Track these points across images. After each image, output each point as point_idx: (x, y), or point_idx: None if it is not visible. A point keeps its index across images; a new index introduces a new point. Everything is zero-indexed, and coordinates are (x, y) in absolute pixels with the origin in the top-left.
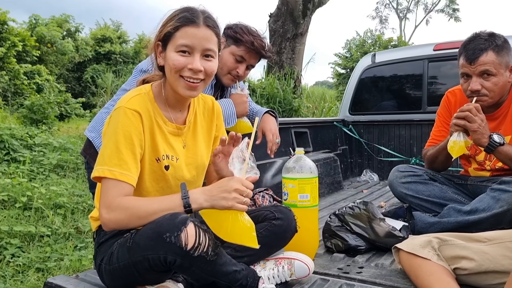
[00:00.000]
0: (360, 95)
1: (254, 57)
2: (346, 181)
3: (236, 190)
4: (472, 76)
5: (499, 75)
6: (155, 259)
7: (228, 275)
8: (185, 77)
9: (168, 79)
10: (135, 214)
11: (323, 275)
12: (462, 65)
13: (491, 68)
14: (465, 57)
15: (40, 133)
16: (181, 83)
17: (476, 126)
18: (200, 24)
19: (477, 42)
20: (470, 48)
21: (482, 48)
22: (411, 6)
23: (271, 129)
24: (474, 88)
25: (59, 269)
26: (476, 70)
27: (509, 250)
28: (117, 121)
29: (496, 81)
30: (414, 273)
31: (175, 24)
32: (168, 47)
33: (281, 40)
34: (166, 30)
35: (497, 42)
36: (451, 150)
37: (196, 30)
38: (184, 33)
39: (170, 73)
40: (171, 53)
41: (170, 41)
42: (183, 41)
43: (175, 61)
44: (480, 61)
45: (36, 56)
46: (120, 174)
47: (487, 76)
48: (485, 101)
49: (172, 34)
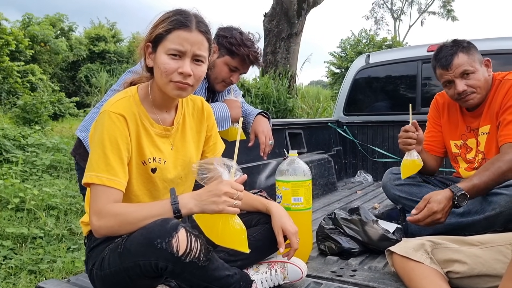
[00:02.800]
0: (355, 96)
1: (248, 67)
2: (340, 182)
3: (226, 193)
4: (454, 81)
5: (477, 71)
6: (146, 265)
7: (221, 279)
8: (175, 81)
9: (157, 81)
10: (125, 220)
11: (316, 278)
12: (441, 74)
13: (468, 67)
14: (440, 66)
15: (33, 133)
16: (171, 85)
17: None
18: (192, 29)
19: (445, 50)
20: (441, 57)
21: (452, 53)
22: (405, 7)
23: (264, 131)
24: (460, 89)
25: (51, 271)
26: (456, 73)
27: (502, 254)
28: (102, 126)
29: (477, 77)
30: (407, 276)
31: (168, 26)
32: (159, 49)
33: (276, 39)
34: (158, 32)
35: (463, 45)
36: (402, 169)
37: (188, 34)
38: (176, 37)
39: (161, 76)
40: (162, 56)
41: (161, 43)
42: (175, 45)
43: (166, 65)
44: (455, 64)
45: (30, 55)
46: (107, 180)
47: (467, 75)
48: (475, 98)
49: (164, 37)
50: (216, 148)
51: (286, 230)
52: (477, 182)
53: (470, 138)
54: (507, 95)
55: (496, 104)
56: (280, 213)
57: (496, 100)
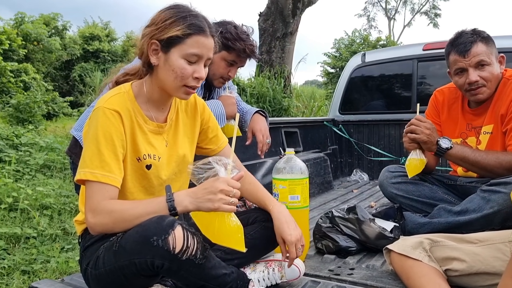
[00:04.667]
0: (350, 95)
1: (245, 60)
2: (336, 181)
3: (221, 191)
4: (468, 69)
5: (492, 64)
6: (142, 264)
7: (218, 278)
8: (189, 86)
9: (164, 81)
10: (120, 217)
11: (314, 277)
12: (455, 61)
13: (485, 58)
14: (457, 52)
15: (27, 132)
16: (182, 89)
17: (424, 136)
18: (208, 34)
19: (464, 37)
20: (460, 43)
21: (472, 41)
22: (399, 7)
23: (261, 129)
24: (473, 79)
25: (45, 271)
26: (472, 62)
27: (500, 251)
28: (96, 122)
29: (491, 70)
30: (405, 275)
31: (186, 30)
32: (174, 52)
33: (271, 39)
34: (173, 33)
35: (483, 35)
36: (407, 168)
37: (205, 39)
38: (195, 42)
39: (174, 79)
40: (178, 60)
41: (177, 46)
42: (195, 50)
43: (183, 70)
44: (473, 52)
45: (23, 54)
46: (102, 176)
47: (482, 66)
48: (484, 92)
49: (182, 40)
50: (219, 139)
51: (284, 239)
52: (469, 153)
53: (470, 136)
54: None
55: (503, 105)
56: (280, 219)
57: (502, 100)
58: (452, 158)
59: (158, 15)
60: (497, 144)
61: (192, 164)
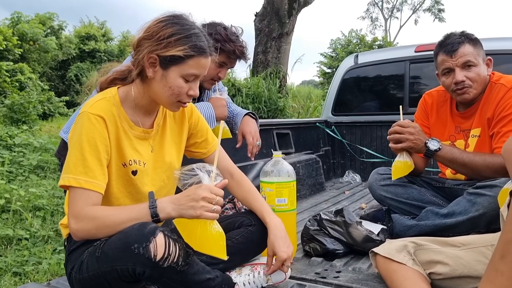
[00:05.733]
0: (343, 96)
1: (235, 62)
2: (328, 182)
3: (204, 198)
4: (454, 69)
5: (479, 65)
6: (123, 270)
7: (201, 283)
8: (183, 102)
9: (158, 95)
10: (103, 224)
11: (300, 280)
12: (443, 61)
13: (472, 59)
14: (444, 52)
15: (21, 133)
16: (176, 104)
17: (409, 142)
18: (208, 54)
19: (453, 38)
20: (447, 43)
21: (459, 42)
22: (397, 6)
23: (251, 132)
24: (459, 79)
25: (37, 273)
26: (458, 62)
27: (483, 255)
28: (81, 127)
29: (478, 71)
30: (389, 278)
31: (189, 52)
32: (173, 70)
33: (267, 39)
34: (175, 53)
35: (471, 37)
36: (392, 170)
37: (205, 60)
38: (197, 64)
39: (169, 96)
40: (178, 79)
41: (178, 65)
42: (195, 71)
43: (181, 89)
44: (460, 52)
45: (18, 54)
46: (85, 182)
47: (468, 67)
48: (470, 93)
49: (183, 60)
50: (208, 143)
51: (277, 256)
52: (457, 154)
53: (459, 139)
54: (501, 103)
55: (490, 109)
56: (276, 234)
57: (489, 104)
58: (441, 159)
59: (159, 27)
60: (485, 148)
61: (178, 170)
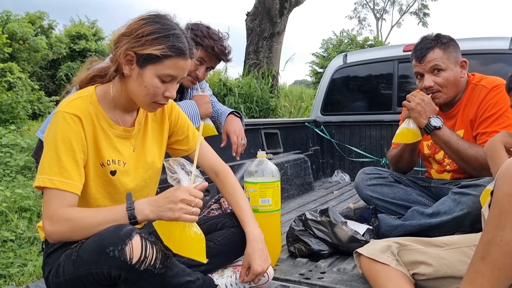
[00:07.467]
0: (332, 96)
1: (214, 61)
2: (317, 181)
3: (182, 200)
4: (424, 75)
5: (449, 70)
6: (99, 274)
7: (181, 286)
8: (159, 103)
9: (134, 94)
10: (78, 226)
11: (284, 282)
12: (414, 66)
13: (440, 63)
14: (415, 57)
15: (8, 133)
16: (152, 104)
17: (414, 104)
18: (187, 56)
19: (424, 43)
20: (418, 49)
21: (429, 47)
22: (387, 7)
23: (236, 131)
24: (426, 84)
25: (22, 275)
26: (426, 67)
27: (466, 255)
28: (55, 127)
29: (447, 76)
30: (373, 278)
31: (167, 52)
32: (149, 69)
33: (258, 39)
34: (152, 52)
35: (443, 41)
36: (396, 136)
37: (184, 62)
38: (174, 65)
39: (145, 95)
40: (153, 79)
41: (154, 64)
42: (171, 72)
43: (156, 89)
44: (428, 58)
45: (8, 53)
46: (60, 183)
47: (437, 72)
48: (440, 97)
49: (160, 60)
50: (190, 140)
51: (252, 268)
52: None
53: None
54: (483, 105)
55: (471, 111)
56: (253, 247)
57: (471, 105)
58: (437, 138)
59: (138, 25)
60: None
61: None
